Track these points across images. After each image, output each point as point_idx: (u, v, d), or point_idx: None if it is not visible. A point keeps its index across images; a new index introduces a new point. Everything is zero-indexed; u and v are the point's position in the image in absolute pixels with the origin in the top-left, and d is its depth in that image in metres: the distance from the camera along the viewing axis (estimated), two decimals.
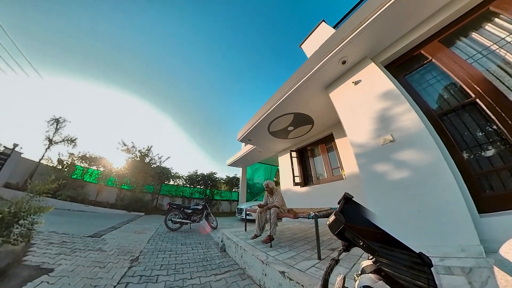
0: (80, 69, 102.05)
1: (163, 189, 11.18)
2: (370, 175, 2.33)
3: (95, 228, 4.22)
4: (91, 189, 8.61)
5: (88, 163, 9.22)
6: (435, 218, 1.71)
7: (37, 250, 2.37)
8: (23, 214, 2.15)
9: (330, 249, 2.30)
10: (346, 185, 4.29)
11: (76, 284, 1.72)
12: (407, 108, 2.12)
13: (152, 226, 5.46)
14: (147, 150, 10.56)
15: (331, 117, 4.33)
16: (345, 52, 2.66)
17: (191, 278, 2.06)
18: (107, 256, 2.54)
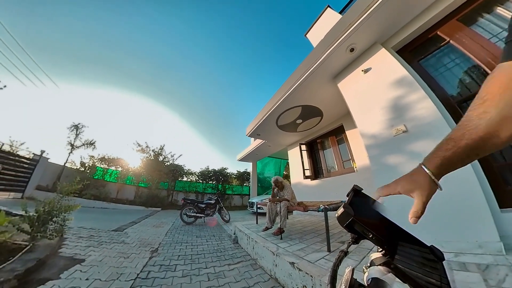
0: (93, 76, 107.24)
1: (177, 186, 11.66)
2: (381, 167, 2.26)
3: (118, 223, 4.56)
4: (111, 188, 9.31)
5: (107, 164, 9.93)
6: (450, 212, 1.63)
7: (69, 243, 2.63)
8: (55, 212, 2.41)
9: (340, 242, 2.30)
10: (357, 177, 4.19)
11: (105, 272, 1.90)
12: (422, 96, 1.98)
13: (168, 220, 5.77)
14: (160, 149, 11.02)
15: (341, 108, 4.19)
16: (353, 39, 2.52)
17: (206, 268, 2.18)
18: (130, 247, 2.76)
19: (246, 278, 1.93)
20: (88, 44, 62.23)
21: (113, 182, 9.72)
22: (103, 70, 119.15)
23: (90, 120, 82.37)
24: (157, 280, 1.82)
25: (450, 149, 0.33)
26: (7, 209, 2.39)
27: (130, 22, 77.16)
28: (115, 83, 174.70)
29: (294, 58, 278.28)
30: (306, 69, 3.11)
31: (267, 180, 11.59)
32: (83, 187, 3.30)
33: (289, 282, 1.69)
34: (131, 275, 1.88)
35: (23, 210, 2.25)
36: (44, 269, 1.82)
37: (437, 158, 0.34)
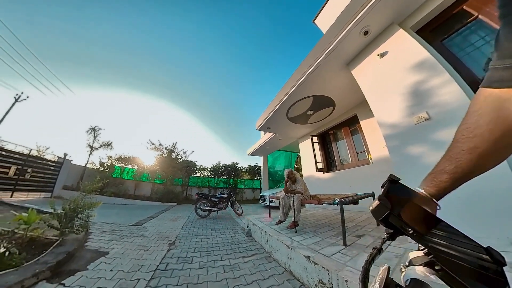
0: (107, 80, 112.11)
1: (190, 181, 12.05)
2: (402, 159, 2.11)
3: (137, 218, 4.81)
4: (129, 185, 9.91)
5: (124, 163, 10.58)
6: (479, 206, 1.50)
7: (94, 237, 2.81)
8: (80, 209, 2.59)
9: (355, 236, 2.24)
10: (373, 170, 4.01)
11: (127, 263, 2.02)
12: (447, 79, 1.79)
13: (184, 214, 5.99)
14: (172, 147, 11.39)
15: (355, 96, 3.98)
16: (367, 21, 2.32)
17: (221, 260, 2.24)
18: (149, 241, 2.90)
19: (260, 270, 1.95)
20: (102, 50, 65.01)
21: (130, 179, 10.32)
22: (116, 74, 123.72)
23: (106, 122, 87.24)
24: (175, 272, 1.89)
25: (445, 180, 0.34)
26: (38, 207, 2.60)
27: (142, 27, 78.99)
28: (128, 86, 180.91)
29: (303, 47, 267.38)
30: (317, 57, 2.95)
31: (278, 174, 11.57)
32: (103, 185, 3.54)
33: (305, 276, 1.68)
34: (151, 266, 1.98)
35: (51, 208, 2.44)
36: (73, 261, 1.97)
37: (433, 189, 0.35)
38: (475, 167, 0.32)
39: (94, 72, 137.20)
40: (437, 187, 0.35)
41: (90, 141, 10.40)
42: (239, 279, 1.76)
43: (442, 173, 0.35)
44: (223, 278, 1.78)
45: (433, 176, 0.36)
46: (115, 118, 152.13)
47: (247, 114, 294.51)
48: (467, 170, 0.33)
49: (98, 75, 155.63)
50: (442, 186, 0.34)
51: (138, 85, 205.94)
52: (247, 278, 1.77)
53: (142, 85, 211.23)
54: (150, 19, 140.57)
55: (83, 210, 2.60)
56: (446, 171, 0.34)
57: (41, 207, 3.16)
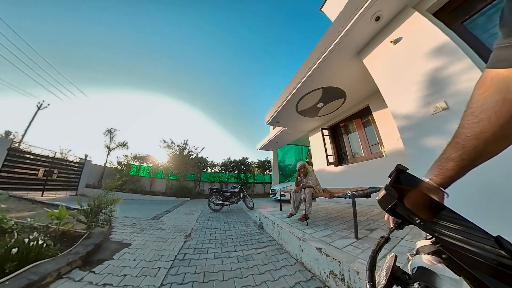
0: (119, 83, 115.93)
1: (203, 177, 12.42)
2: (418, 151, 2.01)
3: (154, 212, 5.08)
4: (145, 182, 10.49)
5: (139, 161, 11.18)
6: (500, 200, 1.39)
7: (117, 230, 3.03)
8: (103, 205, 2.80)
9: (367, 229, 2.22)
10: (386, 163, 3.87)
11: (148, 254, 2.18)
12: (468, 65, 1.64)
13: (197, 208, 6.23)
14: (184, 144, 11.74)
15: (367, 87, 3.82)
16: (379, 5, 2.17)
17: (235, 251, 2.33)
18: (167, 233, 3.07)
19: (273, 261, 2.01)
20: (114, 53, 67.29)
21: (146, 176, 10.91)
22: (127, 76, 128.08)
23: (121, 123, 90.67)
24: (192, 261, 2.02)
25: (451, 168, 0.33)
26: (66, 205, 2.85)
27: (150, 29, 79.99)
28: (140, 87, 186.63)
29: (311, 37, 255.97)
30: (326, 47, 2.84)
31: (288, 168, 11.54)
32: (122, 183, 3.78)
33: (316, 267, 1.71)
34: (170, 256, 2.12)
35: (78, 204, 2.67)
36: (100, 252, 2.15)
37: (439, 177, 0.34)
38: (482, 153, 0.31)
39: (106, 75, 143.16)
40: (443, 175, 0.34)
41: (107, 142, 11.07)
42: (252, 269, 1.83)
43: (447, 160, 0.33)
44: (237, 267, 1.87)
45: (439, 164, 0.35)
46: (129, 118, 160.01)
47: (256, 108, 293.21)
48: (473, 156, 0.31)
49: (110, 79, 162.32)
50: (448, 174, 0.33)
51: (150, 85, 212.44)
52: (260, 268, 1.85)
53: (153, 85, 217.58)
54: (158, 20, 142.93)
55: (106, 205, 2.82)
56: (452, 158, 0.33)
57: (69, 204, 3.44)
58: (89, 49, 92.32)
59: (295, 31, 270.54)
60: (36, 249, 1.67)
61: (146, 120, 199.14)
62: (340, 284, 1.41)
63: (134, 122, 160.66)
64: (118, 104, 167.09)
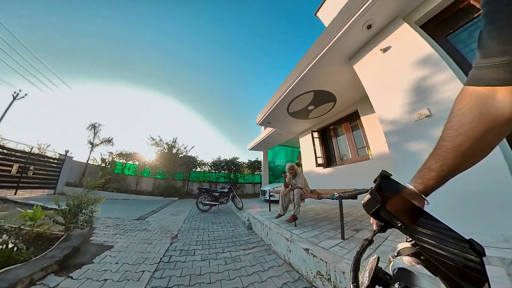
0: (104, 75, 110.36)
1: (191, 176, 12.17)
2: (402, 155, 2.12)
3: (139, 212, 4.89)
4: (131, 181, 10.04)
5: (125, 158, 10.66)
6: (475, 202, 1.53)
7: (98, 232, 2.87)
8: (84, 205, 2.64)
9: (353, 230, 2.28)
10: (372, 165, 4.03)
11: (132, 256, 2.08)
12: (450, 76, 1.76)
13: (185, 208, 6.08)
14: (173, 142, 11.44)
15: (356, 92, 3.94)
16: (371, 14, 2.26)
17: (223, 252, 2.30)
18: (152, 234, 2.97)
19: (261, 262, 2.01)
20: (98, 43, 63.77)
21: (132, 175, 10.45)
22: (113, 68, 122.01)
23: (106, 118, 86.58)
24: (178, 264, 1.95)
25: (432, 178, 0.35)
26: (42, 204, 2.65)
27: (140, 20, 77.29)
28: (127, 81, 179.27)
29: (305, 40, 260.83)
30: (319, 50, 2.90)
31: (278, 169, 11.64)
32: (106, 181, 3.59)
33: (303, 268, 1.73)
34: (155, 259, 2.04)
35: (56, 204, 2.50)
36: (79, 255, 2.03)
37: (421, 185, 0.36)
38: (460, 164, 0.33)
39: (90, 66, 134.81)
40: (425, 184, 0.36)
41: (91, 138, 10.46)
42: (240, 271, 1.82)
43: (429, 170, 0.36)
44: (224, 269, 1.84)
45: (422, 174, 0.37)
46: (115, 114, 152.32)
47: (247, 108, 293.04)
48: (452, 167, 0.34)
49: (94, 70, 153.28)
50: (429, 184, 0.35)
51: (138, 79, 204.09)
52: (248, 270, 1.83)
53: (143, 79, 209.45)
54: (152, 13, 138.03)
55: (87, 205, 2.66)
56: (433, 169, 0.35)
57: (45, 204, 3.22)
58: (75, 37, 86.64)
59: (291, 34, 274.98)
60: (5, 253, 1.53)
61: (134, 116, 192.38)
62: (327, 284, 1.44)
63: (121, 118, 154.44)
64: (104, 98, 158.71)
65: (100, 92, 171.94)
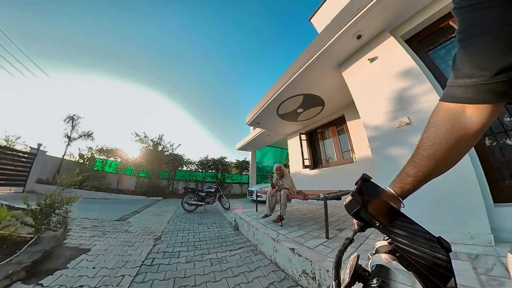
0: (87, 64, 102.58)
1: (177, 175, 11.79)
2: (383, 159, 2.25)
3: (120, 213, 4.64)
4: (112, 179, 9.41)
5: (106, 155, 9.93)
6: (446, 204, 1.68)
7: (73, 234, 2.68)
8: (57, 205, 2.43)
9: (337, 229, 2.37)
10: (356, 168, 4.23)
11: (111, 260, 1.97)
12: (428, 89, 1.92)
13: (170, 208, 5.89)
14: (159, 139, 10.99)
15: (343, 98, 4.11)
16: (361, 25, 2.38)
17: (208, 254, 2.26)
18: (134, 236, 2.83)
19: (247, 263, 2.01)
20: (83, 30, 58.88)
21: (113, 173, 9.81)
22: (97, 57, 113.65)
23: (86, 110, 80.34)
24: (161, 267, 1.89)
25: (409, 183, 0.38)
26: (8, 203, 2.40)
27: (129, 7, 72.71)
28: (111, 71, 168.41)
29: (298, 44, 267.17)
30: (310, 55, 2.98)
31: (266, 169, 11.73)
32: (83, 178, 3.33)
33: (289, 267, 1.76)
34: (136, 262, 1.95)
35: (24, 203, 2.26)
36: (51, 260, 1.87)
37: (398, 189, 0.39)
38: (434, 171, 0.37)
39: (72, 54, 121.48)
40: (402, 188, 0.39)
41: (68, 131, 9.52)
42: (226, 272, 1.80)
43: (407, 176, 0.39)
44: (210, 271, 1.81)
45: (400, 178, 0.40)
46: (97, 107, 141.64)
47: (237, 108, 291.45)
48: (426, 173, 0.37)
49: (76, 58, 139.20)
50: (406, 188, 0.39)
51: (123, 71, 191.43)
52: (234, 271, 1.82)
53: (129, 71, 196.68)
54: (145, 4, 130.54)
55: (60, 205, 2.44)
56: (410, 174, 0.38)
57: (12, 203, 2.92)
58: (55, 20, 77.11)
59: (284, 37, 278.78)
60: None
61: (118, 109, 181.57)
62: (312, 283, 1.48)
63: (103, 111, 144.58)
64: (85, 89, 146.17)
65: (82, 83, 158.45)
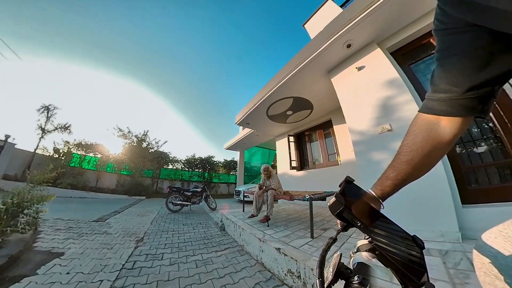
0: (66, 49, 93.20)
1: (162, 173, 11.38)
2: (366, 163, 2.38)
3: (99, 213, 4.38)
4: (90, 176, 8.78)
5: (84, 150, 9.22)
6: (421, 205, 1.83)
7: (45, 236, 2.48)
8: (26, 204, 2.21)
9: (322, 229, 2.44)
10: (341, 170, 4.41)
11: (87, 264, 1.84)
12: (409, 99, 2.08)
13: (154, 208, 5.67)
14: (143, 135, 10.50)
15: (331, 103, 4.26)
16: (351, 35, 2.50)
17: (193, 255, 2.21)
18: (114, 238, 2.68)
19: (233, 263, 2.00)
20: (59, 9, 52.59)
21: (92, 169, 9.15)
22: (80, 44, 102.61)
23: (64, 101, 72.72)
24: (143, 270, 1.81)
25: (389, 185, 0.41)
26: None
27: None
28: (95, 61, 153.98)
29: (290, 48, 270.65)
30: (302, 60, 3.05)
31: (254, 170, 11.75)
32: (58, 175, 3.06)
33: (275, 267, 1.78)
34: (116, 266, 1.85)
35: None
36: (18, 266, 1.71)
37: (379, 191, 0.42)
38: (411, 175, 0.40)
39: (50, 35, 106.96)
40: (382, 190, 0.42)
41: (42, 122, 8.61)
42: (212, 273, 1.78)
43: (387, 179, 0.42)
44: (195, 273, 1.78)
45: (380, 181, 0.43)
46: (77, 98, 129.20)
47: (227, 107, 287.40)
48: (405, 177, 0.40)
49: (54, 39, 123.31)
50: (386, 190, 0.41)
51: (111, 61, 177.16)
52: (220, 272, 1.80)
53: (115, 61, 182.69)
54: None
55: (30, 204, 2.23)
56: (390, 178, 0.41)
57: None
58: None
59: (278, 39, 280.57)
60: None
61: (100, 102, 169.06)
62: (297, 281, 1.51)
63: (84, 103, 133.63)
64: (65, 78, 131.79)
65: (62, 70, 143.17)
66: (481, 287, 0.40)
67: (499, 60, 0.30)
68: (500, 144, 1.77)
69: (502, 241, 0.38)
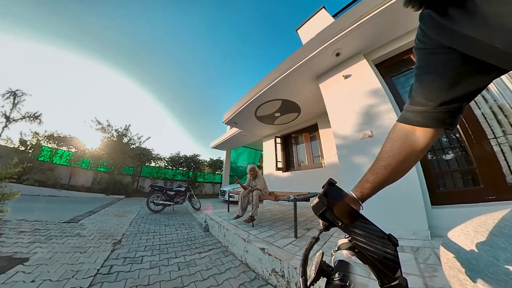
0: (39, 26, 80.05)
1: (144, 171, 10.86)
2: (348, 166, 2.52)
3: (71, 213, 4.05)
4: (62, 172, 8.03)
5: (56, 143, 8.39)
6: (396, 206, 1.98)
7: (6, 240, 2.23)
8: None
9: (305, 229, 2.51)
10: (324, 173, 4.59)
11: (56, 270, 1.69)
12: (389, 108, 2.25)
13: (133, 208, 5.39)
14: (125, 130, 9.91)
15: (318, 107, 4.41)
16: (341, 44, 2.63)
17: (176, 257, 2.14)
18: (87, 241, 2.49)
19: (217, 265, 1.97)
20: None
21: (65, 165, 8.38)
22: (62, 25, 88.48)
23: (35, 87, 62.88)
24: (121, 274, 1.70)
25: (368, 188, 0.45)
26: None
27: None
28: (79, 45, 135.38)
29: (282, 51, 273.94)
30: (293, 64, 3.13)
31: (240, 170, 11.71)
32: (24, 170, 2.74)
33: (259, 267, 1.79)
34: (90, 271, 1.72)
35: None
36: None
37: (359, 193, 0.45)
38: (388, 178, 0.44)
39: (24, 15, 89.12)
40: (362, 192, 0.45)
41: (7, 109, 7.60)
42: (195, 276, 1.74)
43: (366, 182, 0.45)
44: (177, 276, 1.72)
45: (360, 184, 0.46)
46: (50, 83, 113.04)
47: (215, 105, 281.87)
48: (382, 181, 0.44)
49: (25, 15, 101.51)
50: (365, 192, 0.45)
51: (92, 47, 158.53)
52: (203, 274, 1.77)
53: (96, 48, 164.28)
54: None
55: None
56: (369, 181, 0.44)
57: None
58: None
59: (271, 42, 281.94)
60: None
61: (77, 91, 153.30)
62: (281, 280, 1.53)
63: (60, 91, 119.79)
64: (39, 61, 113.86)
65: (34, 50, 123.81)
66: (446, 280, 0.44)
67: (468, 80, 0.34)
68: (464, 152, 2.00)
69: (464, 238, 0.42)
